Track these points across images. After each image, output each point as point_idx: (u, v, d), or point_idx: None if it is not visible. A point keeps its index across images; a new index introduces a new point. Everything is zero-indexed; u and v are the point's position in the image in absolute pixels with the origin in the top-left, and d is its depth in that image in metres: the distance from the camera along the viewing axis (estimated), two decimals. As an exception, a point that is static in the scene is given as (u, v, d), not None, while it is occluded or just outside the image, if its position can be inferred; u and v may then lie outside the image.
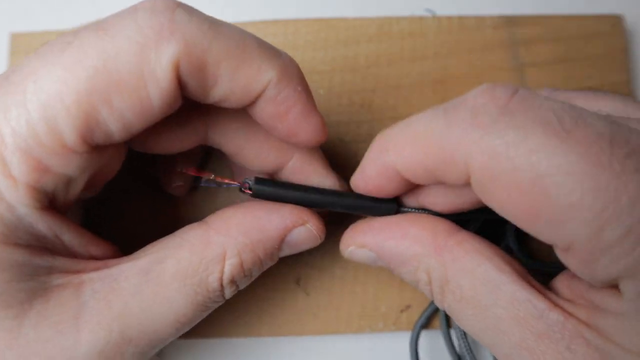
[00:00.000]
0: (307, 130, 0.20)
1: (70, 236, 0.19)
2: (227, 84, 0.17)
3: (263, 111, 0.19)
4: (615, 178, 0.15)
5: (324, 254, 0.27)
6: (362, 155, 0.28)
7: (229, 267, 0.19)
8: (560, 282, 0.20)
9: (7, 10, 0.31)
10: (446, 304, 0.20)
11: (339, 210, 0.21)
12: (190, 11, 0.17)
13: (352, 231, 0.22)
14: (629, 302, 0.16)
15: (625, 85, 0.29)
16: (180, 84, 0.17)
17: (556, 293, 0.19)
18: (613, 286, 0.17)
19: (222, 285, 0.20)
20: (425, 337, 0.28)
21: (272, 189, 0.20)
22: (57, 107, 0.16)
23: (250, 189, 0.20)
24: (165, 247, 0.19)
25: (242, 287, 0.21)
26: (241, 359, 0.28)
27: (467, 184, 0.18)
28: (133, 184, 0.26)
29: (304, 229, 0.21)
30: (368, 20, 0.30)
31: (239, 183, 0.21)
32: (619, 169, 0.15)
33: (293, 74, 0.19)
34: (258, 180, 0.20)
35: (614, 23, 0.30)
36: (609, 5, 0.32)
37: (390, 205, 0.21)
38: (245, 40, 0.17)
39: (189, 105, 0.19)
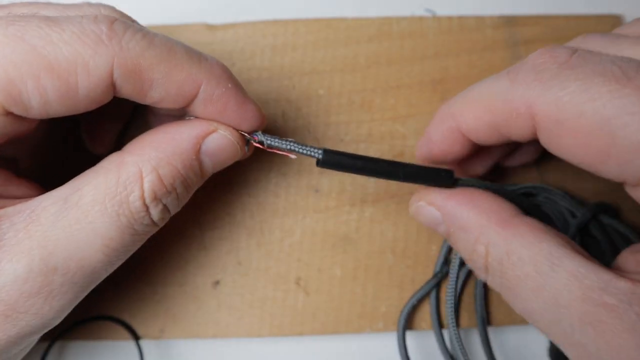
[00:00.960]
0: (247, 118, 0.21)
1: None
2: (162, 87, 0.19)
3: (204, 110, 0.21)
4: None
5: (324, 254, 0.27)
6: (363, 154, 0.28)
7: (148, 183, 0.19)
8: (624, 259, 0.20)
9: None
10: (503, 279, 0.20)
11: (401, 180, 0.22)
12: (127, 24, 0.19)
13: (426, 190, 0.23)
14: None
15: (625, 85, 0.29)
16: (114, 85, 0.19)
17: (621, 269, 0.19)
18: None
19: (145, 204, 0.19)
20: (416, 338, 0.28)
21: (339, 157, 0.21)
22: None
23: (318, 159, 0.21)
24: (81, 177, 0.20)
25: (172, 209, 0.21)
26: (241, 359, 0.28)
27: (532, 138, 0.19)
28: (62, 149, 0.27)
29: (217, 135, 0.21)
30: (368, 20, 0.30)
31: (309, 153, 0.21)
32: None
33: (221, 74, 0.20)
34: (326, 151, 0.21)
35: (614, 23, 0.30)
36: (609, 5, 0.32)
37: (449, 175, 0.22)
38: (174, 48, 0.19)
39: None
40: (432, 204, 0.23)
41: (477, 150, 0.23)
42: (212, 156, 0.21)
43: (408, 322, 0.27)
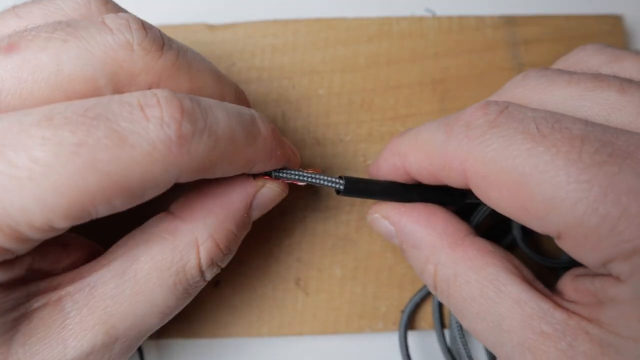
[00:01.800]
0: (292, 158, 0.23)
1: (39, 261, 0.19)
2: (220, 174, 0.19)
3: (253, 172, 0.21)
4: (585, 171, 0.16)
5: (324, 254, 0.27)
6: (363, 154, 0.28)
7: (205, 251, 0.20)
8: (565, 285, 0.20)
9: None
10: (450, 299, 0.21)
11: (416, 201, 0.23)
12: (194, 120, 0.17)
13: (381, 203, 0.24)
14: (625, 285, 0.17)
15: (625, 85, 0.29)
16: (176, 182, 0.18)
17: (561, 295, 0.20)
18: (613, 275, 0.17)
19: (201, 271, 0.20)
20: (416, 338, 0.28)
21: (361, 185, 0.23)
22: (58, 204, 0.16)
23: (340, 188, 0.22)
24: (135, 245, 0.20)
25: (224, 265, 0.22)
26: (241, 359, 0.28)
27: (468, 187, 0.20)
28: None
29: (265, 190, 0.22)
30: (368, 20, 0.30)
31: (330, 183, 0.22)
32: (588, 162, 0.16)
33: (273, 146, 0.21)
34: (347, 180, 0.22)
35: (614, 23, 0.30)
36: (609, 5, 0.32)
37: (461, 194, 0.24)
38: (235, 134, 0.19)
39: None
40: (386, 218, 0.23)
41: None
42: (262, 208, 0.22)
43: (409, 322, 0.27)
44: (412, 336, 0.28)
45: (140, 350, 0.26)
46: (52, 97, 0.17)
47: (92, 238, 0.22)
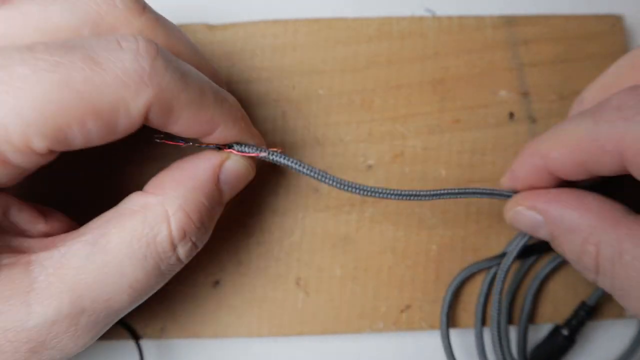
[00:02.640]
0: (256, 137, 0.23)
1: (17, 214, 0.20)
2: (185, 123, 0.20)
3: (217, 140, 0.22)
4: None
5: (324, 254, 0.27)
6: (363, 154, 0.28)
7: (176, 222, 0.20)
8: None
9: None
10: (615, 279, 0.20)
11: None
12: (168, 60, 0.19)
13: (525, 194, 0.23)
14: None
15: (625, 85, 0.30)
16: (146, 118, 0.19)
17: None
18: None
19: (173, 244, 0.20)
20: (414, 338, 0.28)
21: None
22: (35, 118, 0.17)
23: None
24: (107, 219, 0.20)
25: (200, 244, 0.22)
26: (241, 359, 0.28)
27: (620, 172, 0.20)
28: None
29: (231, 162, 0.22)
30: (368, 20, 0.30)
31: None
32: None
33: (237, 115, 0.22)
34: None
35: (614, 23, 0.30)
36: (609, 5, 0.32)
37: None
38: (205, 90, 0.20)
39: None
40: (533, 209, 0.23)
41: (560, 185, 0.23)
42: (232, 183, 0.23)
43: (417, 321, 0.27)
44: (410, 337, 0.28)
45: (140, 350, 0.27)
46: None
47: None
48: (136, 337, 0.27)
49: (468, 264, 0.27)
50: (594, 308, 0.27)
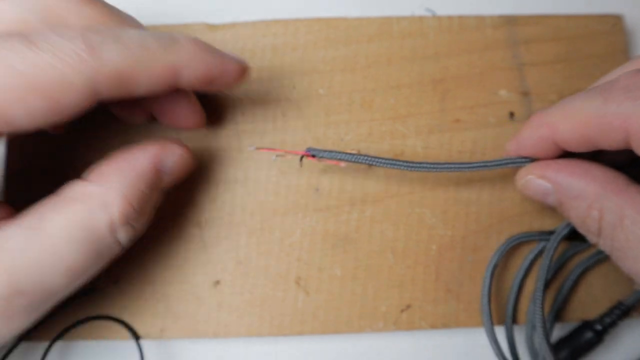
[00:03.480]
0: (229, 75, 0.23)
1: None
2: (144, 83, 0.21)
3: (191, 84, 0.22)
4: None
5: (324, 254, 0.27)
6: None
7: (117, 207, 0.21)
8: None
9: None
10: (614, 242, 0.22)
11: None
12: (99, 32, 0.20)
13: (534, 164, 0.25)
14: None
15: (626, 85, 0.29)
16: (99, 93, 0.20)
17: None
18: None
19: (113, 229, 0.21)
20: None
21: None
22: None
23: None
24: (48, 205, 0.20)
25: (139, 227, 0.22)
26: (241, 359, 0.28)
27: (624, 148, 0.21)
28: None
29: (170, 153, 0.23)
30: (368, 20, 0.30)
31: None
32: None
33: (196, 51, 0.22)
34: None
35: (614, 23, 0.30)
36: (609, 5, 0.32)
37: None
38: (146, 42, 0.20)
39: None
40: (542, 177, 0.24)
41: (562, 155, 0.25)
42: (171, 172, 0.23)
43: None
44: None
45: (140, 350, 0.27)
46: None
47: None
48: (136, 337, 0.27)
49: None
50: (630, 308, 0.27)
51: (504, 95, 0.29)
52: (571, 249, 0.28)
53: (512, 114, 0.29)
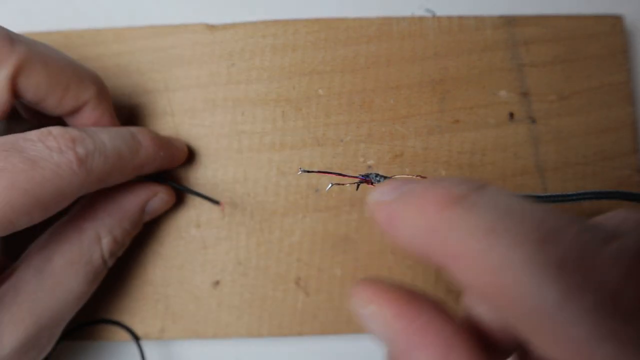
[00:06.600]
0: (178, 160, 0.27)
1: None
2: (116, 182, 0.24)
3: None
4: None
5: (324, 254, 0.27)
6: (362, 155, 0.28)
7: (106, 245, 0.24)
8: None
9: (6, 11, 0.31)
10: None
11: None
12: (86, 146, 0.22)
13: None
14: None
15: (625, 86, 0.30)
16: (81, 194, 0.22)
17: None
18: None
19: (104, 260, 0.24)
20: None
21: None
22: None
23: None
24: (47, 247, 0.23)
25: (119, 254, 0.25)
26: (241, 359, 0.28)
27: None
28: None
29: (157, 198, 0.26)
30: (368, 21, 0.30)
31: None
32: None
33: (154, 152, 0.25)
34: None
35: (614, 23, 0.30)
36: (609, 5, 0.32)
37: None
38: (121, 153, 0.23)
39: None
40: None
41: None
42: (153, 214, 0.26)
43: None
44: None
45: (140, 350, 0.27)
46: None
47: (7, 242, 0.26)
48: (137, 338, 0.27)
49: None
50: None
51: (503, 96, 0.29)
52: None
53: (511, 115, 0.29)
